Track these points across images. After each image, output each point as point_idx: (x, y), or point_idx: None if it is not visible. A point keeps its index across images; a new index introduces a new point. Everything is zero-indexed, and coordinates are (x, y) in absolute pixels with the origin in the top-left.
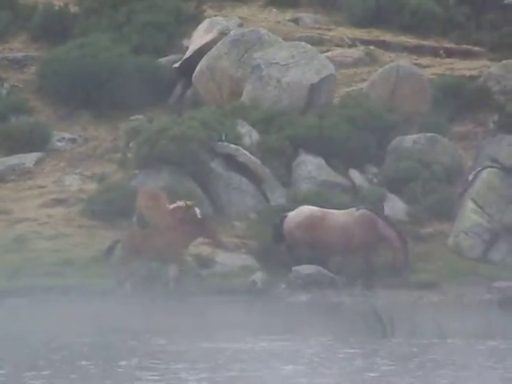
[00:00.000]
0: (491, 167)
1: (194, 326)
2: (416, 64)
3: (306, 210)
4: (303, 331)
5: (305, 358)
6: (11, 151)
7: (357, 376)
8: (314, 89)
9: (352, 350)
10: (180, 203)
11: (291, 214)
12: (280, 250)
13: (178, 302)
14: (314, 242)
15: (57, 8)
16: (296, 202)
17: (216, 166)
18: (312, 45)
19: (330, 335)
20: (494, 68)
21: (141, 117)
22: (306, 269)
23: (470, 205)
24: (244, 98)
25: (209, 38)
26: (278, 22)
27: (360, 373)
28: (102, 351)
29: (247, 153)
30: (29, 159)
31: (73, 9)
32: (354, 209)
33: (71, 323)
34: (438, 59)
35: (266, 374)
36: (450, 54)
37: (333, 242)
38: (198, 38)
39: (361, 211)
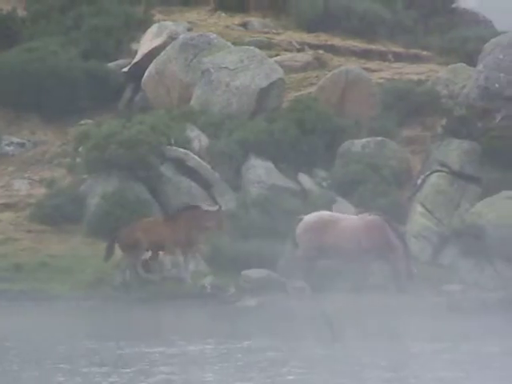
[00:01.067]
0: (439, 171)
1: (135, 330)
2: (364, 68)
3: (317, 213)
4: (241, 335)
5: (230, 361)
6: None
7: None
8: (263, 93)
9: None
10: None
11: (304, 218)
12: None
13: (125, 307)
14: (324, 246)
15: (4, 12)
16: (245, 206)
17: (165, 170)
18: (261, 49)
19: (264, 339)
20: (442, 72)
21: (90, 121)
22: (256, 273)
23: (418, 209)
24: (193, 103)
25: (158, 42)
26: (227, 27)
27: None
28: (35, 354)
29: (196, 157)
30: None
31: (21, 13)
32: (366, 214)
33: (17, 329)
34: (387, 63)
35: (190, 377)
36: (398, 58)
37: (342, 246)
38: (147, 42)
39: (371, 216)
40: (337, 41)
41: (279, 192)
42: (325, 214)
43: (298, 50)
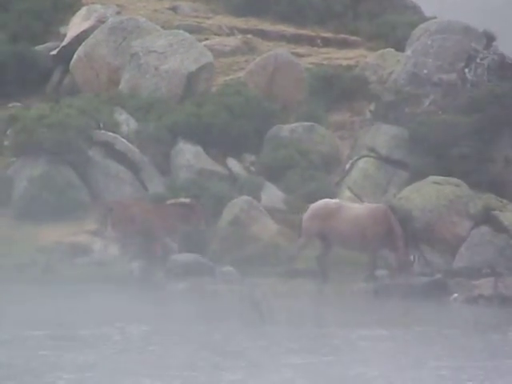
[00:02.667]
0: (368, 156)
1: (50, 313)
2: (294, 53)
3: (323, 201)
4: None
5: (107, 345)
6: None
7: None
8: (192, 77)
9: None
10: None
11: (311, 205)
12: None
13: (48, 290)
14: (328, 233)
15: None
16: (174, 191)
17: (94, 154)
18: (190, 33)
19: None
20: (371, 57)
21: (18, 104)
22: (184, 257)
23: (346, 193)
24: (122, 86)
25: (86, 25)
26: (156, 10)
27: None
28: None
29: (125, 141)
30: None
31: None
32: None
33: None
34: (316, 48)
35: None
36: (327, 43)
37: (345, 233)
38: (76, 25)
39: (376, 205)
40: (266, 25)
41: (208, 176)
42: (331, 201)
43: (228, 35)
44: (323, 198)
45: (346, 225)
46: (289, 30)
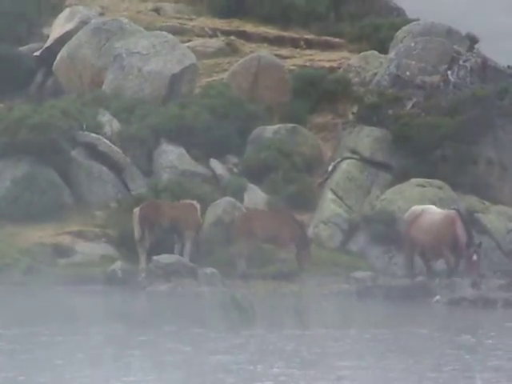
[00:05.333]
0: (350, 158)
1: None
2: (277, 55)
3: (413, 207)
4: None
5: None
6: None
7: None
8: (175, 78)
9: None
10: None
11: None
12: None
13: (29, 291)
14: (413, 238)
15: None
16: (156, 192)
17: (77, 155)
18: (173, 35)
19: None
20: (354, 60)
21: (1, 105)
22: (166, 258)
23: (329, 195)
24: (105, 87)
25: (69, 26)
26: (140, 12)
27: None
28: None
29: (108, 142)
30: None
31: None
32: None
33: None
34: (299, 50)
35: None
36: (310, 45)
37: (421, 238)
38: (59, 26)
39: (447, 211)
40: (249, 27)
41: (191, 177)
42: (417, 208)
43: (211, 36)
44: (305, 199)
45: (420, 231)
46: (272, 31)
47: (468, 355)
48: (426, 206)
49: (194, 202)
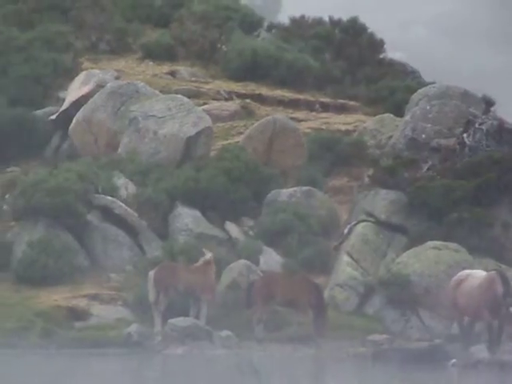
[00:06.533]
0: (366, 221)
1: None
2: (292, 118)
3: (461, 272)
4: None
5: None
6: None
7: None
8: (190, 141)
9: None
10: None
11: None
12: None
13: (46, 355)
14: (455, 304)
15: None
16: (172, 254)
17: (92, 218)
18: (189, 98)
19: None
20: (369, 122)
21: (17, 169)
22: (182, 321)
23: (345, 258)
24: (121, 150)
25: (85, 90)
26: (155, 75)
27: None
28: None
29: (123, 205)
30: None
31: None
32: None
33: None
34: (314, 113)
35: None
36: (325, 108)
37: (462, 303)
38: (75, 90)
39: (489, 273)
40: (264, 90)
41: (206, 240)
42: (464, 272)
43: (226, 99)
44: (321, 262)
45: (462, 294)
46: (287, 94)
47: None
48: (472, 271)
49: (209, 256)
